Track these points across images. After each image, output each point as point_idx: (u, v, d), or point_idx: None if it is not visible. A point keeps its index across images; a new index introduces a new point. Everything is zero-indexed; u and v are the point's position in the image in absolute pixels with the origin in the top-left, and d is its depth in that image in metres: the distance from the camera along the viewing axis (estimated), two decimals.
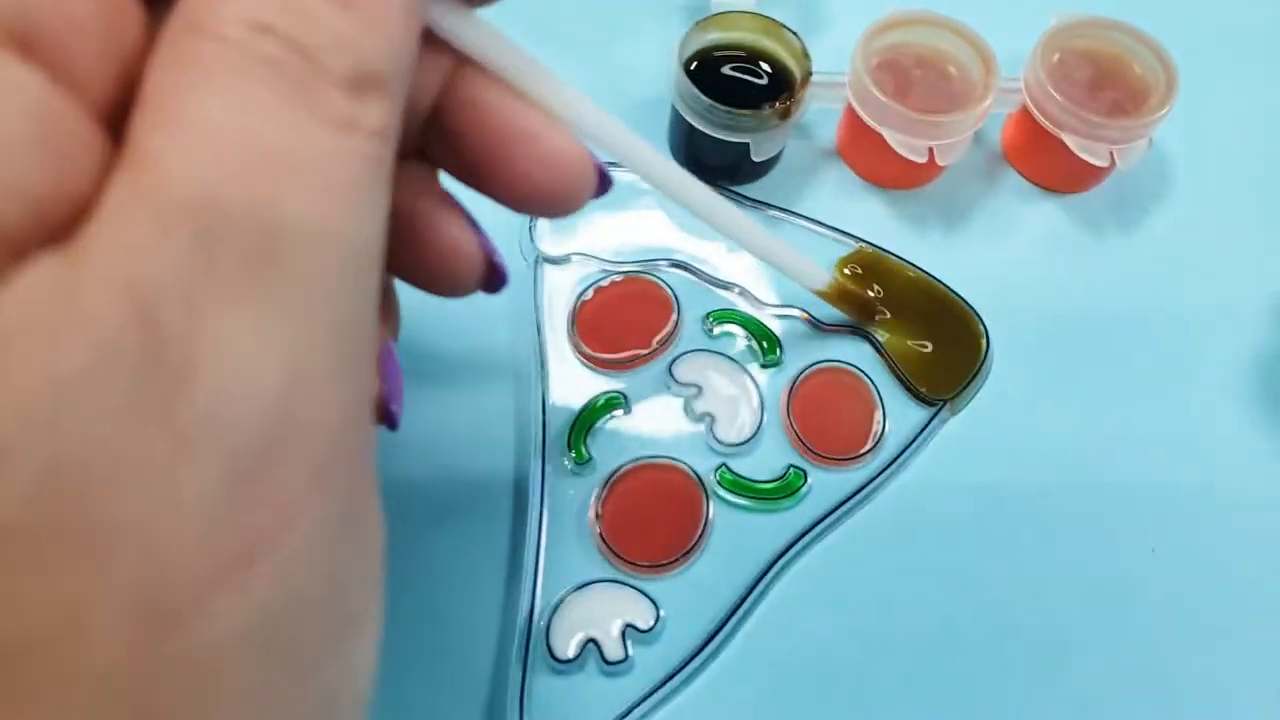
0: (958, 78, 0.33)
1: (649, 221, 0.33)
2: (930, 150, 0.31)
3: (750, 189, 0.34)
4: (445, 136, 0.18)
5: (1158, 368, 0.32)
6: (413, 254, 0.19)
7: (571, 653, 0.26)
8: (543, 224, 0.32)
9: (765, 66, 0.32)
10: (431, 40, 0.17)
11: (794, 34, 0.32)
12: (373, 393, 0.15)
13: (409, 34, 0.14)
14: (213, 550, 0.12)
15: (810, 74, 0.31)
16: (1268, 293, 0.34)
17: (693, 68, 0.32)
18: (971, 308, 0.31)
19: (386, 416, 0.20)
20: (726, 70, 0.32)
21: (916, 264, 0.32)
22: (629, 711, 0.25)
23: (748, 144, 0.31)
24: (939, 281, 0.32)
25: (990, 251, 0.34)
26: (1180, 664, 0.27)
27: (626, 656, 0.26)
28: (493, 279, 0.21)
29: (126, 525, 0.11)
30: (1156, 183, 0.36)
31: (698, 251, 0.32)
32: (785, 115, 0.30)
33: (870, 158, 0.34)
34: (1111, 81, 0.33)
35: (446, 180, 0.20)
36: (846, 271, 0.32)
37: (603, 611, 0.26)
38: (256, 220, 0.12)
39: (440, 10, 0.17)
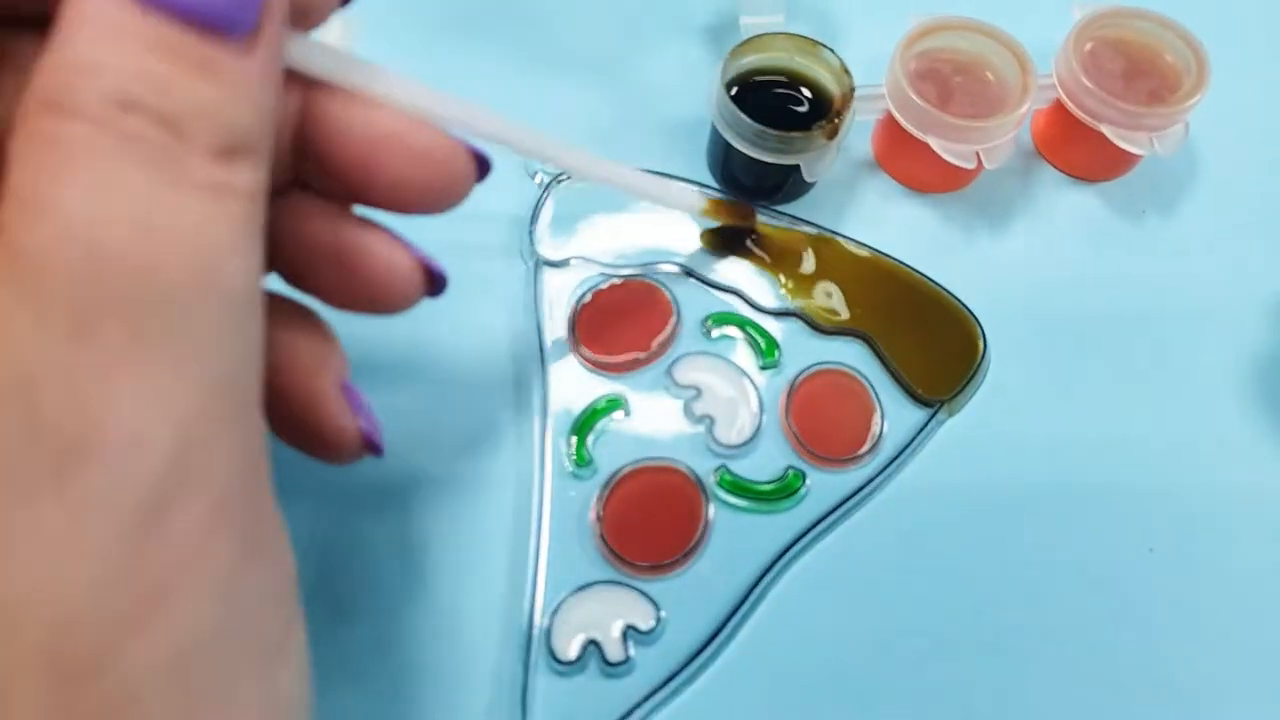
0: (995, 81, 0.33)
1: (648, 224, 0.33)
2: (977, 155, 0.31)
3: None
4: (316, 160, 0.19)
5: (1158, 367, 0.32)
6: (351, 283, 0.20)
7: (573, 654, 0.26)
8: (542, 227, 0.32)
9: (806, 91, 0.33)
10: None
11: (831, 50, 0.32)
12: (263, 428, 0.15)
13: (272, 92, 0.15)
14: (117, 602, 0.13)
15: (853, 89, 0.31)
16: (1270, 291, 0.34)
17: (732, 92, 0.31)
18: (968, 309, 0.31)
19: (371, 448, 0.21)
20: (766, 93, 0.32)
21: (918, 269, 0.32)
22: (630, 712, 0.25)
23: (790, 165, 0.31)
24: (937, 284, 0.32)
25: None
26: (1179, 664, 0.27)
27: (627, 658, 0.26)
28: (434, 284, 0.21)
29: (28, 596, 0.12)
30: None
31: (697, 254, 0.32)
32: (833, 133, 0.31)
33: (912, 165, 0.34)
34: (1144, 70, 0.34)
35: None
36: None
37: (604, 613, 0.26)
38: (132, 296, 0.13)
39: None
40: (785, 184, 0.33)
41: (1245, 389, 0.32)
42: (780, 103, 0.33)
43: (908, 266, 0.32)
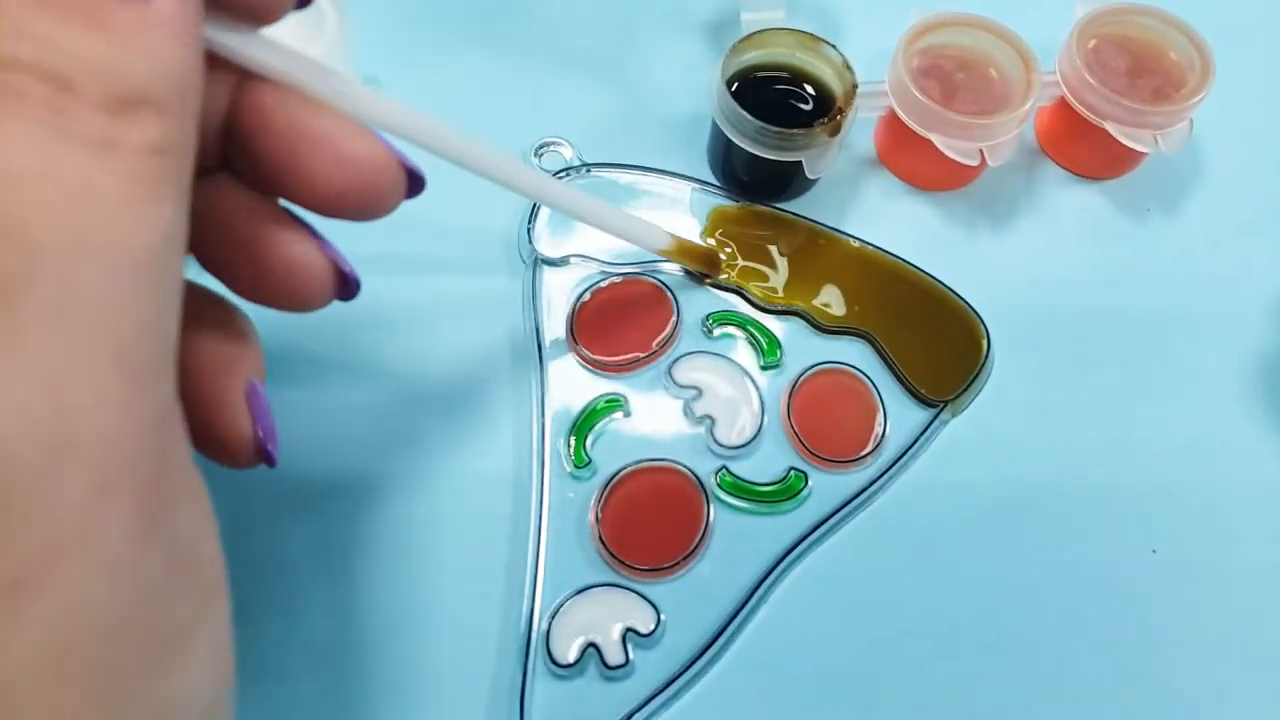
0: (998, 78, 0.33)
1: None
2: (981, 152, 0.31)
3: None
4: (243, 149, 0.18)
5: (1161, 366, 0.32)
6: (260, 275, 0.19)
7: (572, 657, 0.25)
8: (541, 226, 0.32)
9: (808, 88, 0.32)
10: (210, 56, 0.17)
11: (833, 46, 0.31)
12: (174, 399, 0.15)
13: (183, 50, 0.14)
14: None
15: (856, 86, 0.31)
16: (1275, 289, 0.33)
17: (733, 88, 0.31)
18: (972, 308, 0.31)
19: (263, 456, 0.20)
20: (767, 89, 0.32)
21: (920, 267, 0.32)
22: (630, 716, 0.25)
23: (792, 162, 0.31)
24: (941, 283, 0.32)
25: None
26: (1182, 664, 0.27)
27: (627, 661, 0.26)
28: (345, 288, 0.20)
29: None
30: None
31: None
32: (836, 130, 0.30)
33: (915, 163, 0.34)
34: (1148, 68, 0.34)
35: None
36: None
37: (603, 615, 0.26)
38: (3, 251, 0.12)
39: (212, 29, 0.17)
40: (787, 181, 0.33)
41: (1249, 388, 0.31)
42: (782, 99, 0.32)
43: (910, 265, 0.32)
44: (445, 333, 0.30)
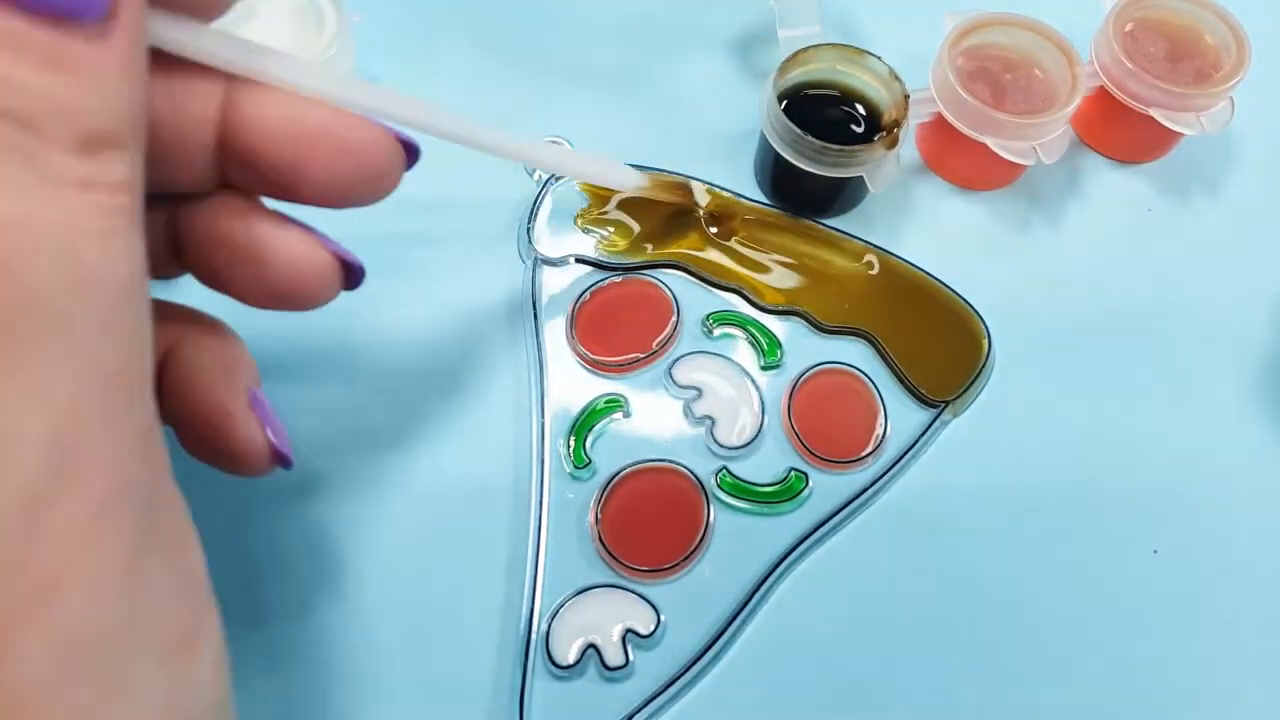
0: (1042, 76, 0.33)
1: None
2: (1035, 150, 0.31)
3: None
4: (242, 159, 0.18)
5: (1163, 368, 0.32)
6: (267, 280, 0.19)
7: (572, 658, 0.25)
8: (540, 225, 0.32)
9: (855, 102, 0.32)
10: (196, 69, 0.17)
11: (878, 58, 0.31)
12: (155, 416, 0.15)
13: (134, 81, 0.14)
14: (3, 599, 0.12)
15: (908, 96, 0.31)
16: (1274, 291, 0.33)
17: (782, 107, 0.31)
18: (973, 307, 0.31)
19: (279, 459, 0.20)
20: (811, 106, 0.32)
21: (921, 266, 0.32)
22: (630, 717, 0.25)
23: (845, 178, 0.31)
24: (942, 283, 0.31)
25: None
26: (1184, 665, 0.27)
27: (627, 662, 0.26)
28: (351, 276, 0.21)
29: None
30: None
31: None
32: (894, 143, 0.30)
33: (966, 165, 0.34)
34: (1188, 51, 0.34)
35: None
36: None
37: (603, 616, 0.26)
38: (2, 293, 0.13)
39: (171, 29, 0.16)
40: (836, 196, 0.33)
41: (1252, 390, 0.31)
42: (827, 114, 0.32)
43: (912, 265, 0.32)
44: (444, 333, 0.30)
